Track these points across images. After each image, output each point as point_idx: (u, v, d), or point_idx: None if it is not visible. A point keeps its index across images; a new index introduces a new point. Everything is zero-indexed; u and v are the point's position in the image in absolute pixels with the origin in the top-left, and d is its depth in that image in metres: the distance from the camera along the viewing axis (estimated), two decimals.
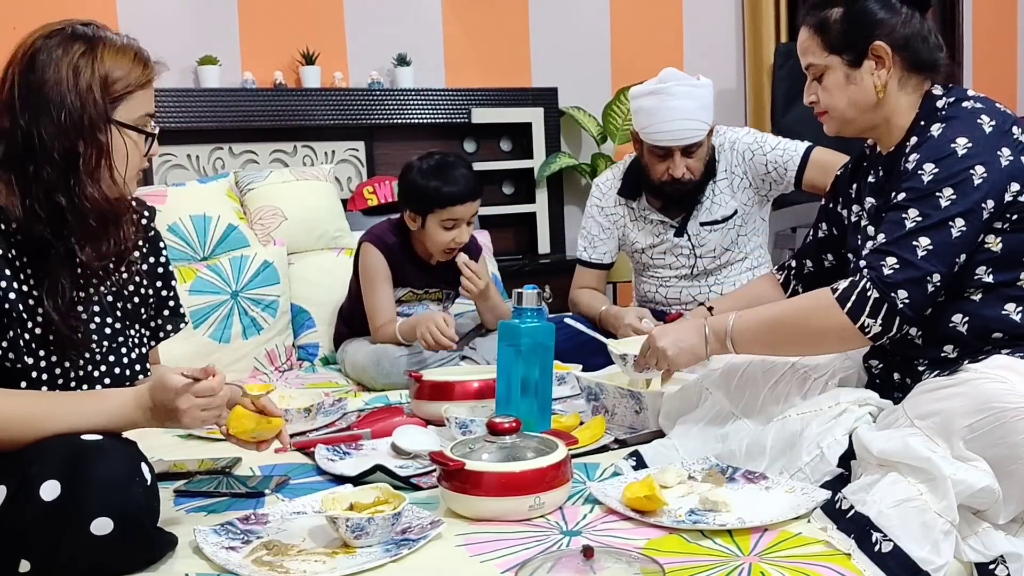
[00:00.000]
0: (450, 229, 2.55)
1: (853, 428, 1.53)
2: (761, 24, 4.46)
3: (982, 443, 1.34)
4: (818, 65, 1.71)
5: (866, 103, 1.68)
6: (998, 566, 1.32)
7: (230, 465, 1.79)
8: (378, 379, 2.47)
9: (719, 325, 1.69)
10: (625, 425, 1.97)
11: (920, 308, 1.52)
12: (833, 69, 1.69)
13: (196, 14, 3.52)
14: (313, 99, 3.60)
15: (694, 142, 2.56)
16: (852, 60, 1.67)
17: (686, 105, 2.53)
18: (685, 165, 2.58)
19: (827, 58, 1.69)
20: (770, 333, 1.65)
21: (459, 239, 2.57)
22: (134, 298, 1.58)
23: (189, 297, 2.67)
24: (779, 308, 1.69)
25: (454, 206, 2.52)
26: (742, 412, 1.75)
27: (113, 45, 1.45)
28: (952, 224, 1.50)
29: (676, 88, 2.54)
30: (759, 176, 2.66)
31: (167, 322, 1.67)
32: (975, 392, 1.37)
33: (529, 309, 1.85)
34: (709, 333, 1.70)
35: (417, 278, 2.68)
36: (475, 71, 4.04)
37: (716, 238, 2.70)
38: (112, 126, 1.43)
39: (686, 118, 2.53)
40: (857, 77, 1.67)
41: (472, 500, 1.47)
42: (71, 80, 1.39)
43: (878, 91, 1.66)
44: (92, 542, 1.22)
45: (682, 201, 2.66)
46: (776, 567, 1.27)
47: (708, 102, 2.58)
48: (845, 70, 1.68)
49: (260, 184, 3.11)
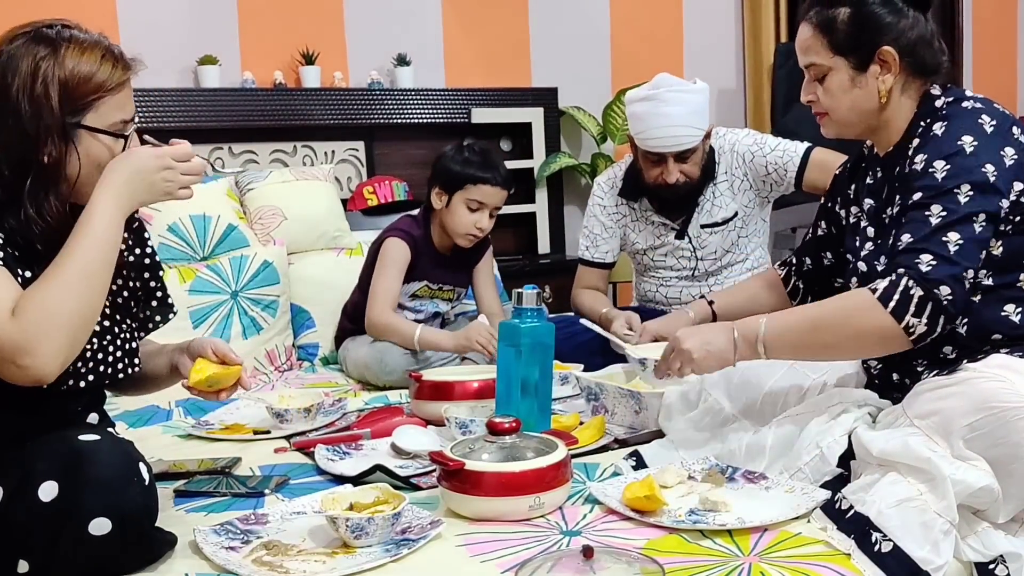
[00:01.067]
0: (475, 211, 2.60)
1: (852, 428, 1.53)
2: (761, 24, 4.47)
3: (982, 442, 1.34)
4: (821, 66, 1.67)
5: (869, 108, 1.65)
6: (998, 566, 1.32)
7: (230, 465, 1.79)
8: (380, 376, 2.47)
9: (749, 330, 1.61)
10: (625, 425, 1.97)
11: (962, 304, 1.48)
12: (837, 71, 1.65)
13: (196, 14, 3.52)
14: (313, 99, 3.60)
15: (686, 148, 2.55)
16: (858, 64, 1.64)
17: (678, 112, 2.52)
18: (679, 170, 2.57)
19: (832, 59, 1.65)
20: (806, 336, 1.58)
21: (481, 224, 2.61)
22: (123, 292, 1.57)
23: (189, 297, 2.68)
24: (814, 310, 1.61)
25: (485, 186, 2.59)
26: (741, 413, 1.75)
27: (79, 46, 1.37)
28: (975, 220, 1.48)
29: (668, 95, 2.53)
30: (759, 178, 2.66)
31: (155, 313, 1.66)
32: (975, 391, 1.37)
33: (529, 309, 1.85)
34: (738, 337, 1.62)
35: (434, 272, 2.70)
36: (475, 71, 4.04)
37: (717, 240, 2.70)
38: (73, 134, 1.37)
39: (678, 125, 2.52)
40: (862, 81, 1.64)
41: (472, 500, 1.47)
42: (28, 86, 1.33)
43: (882, 96, 1.64)
44: (90, 542, 1.22)
45: (678, 204, 2.66)
46: (776, 567, 1.27)
47: (702, 107, 2.57)
48: (850, 73, 1.64)
49: (260, 184, 3.11)
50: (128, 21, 3.36)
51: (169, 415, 2.24)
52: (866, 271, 1.67)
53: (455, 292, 2.77)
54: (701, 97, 2.58)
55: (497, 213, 2.67)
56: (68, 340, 1.32)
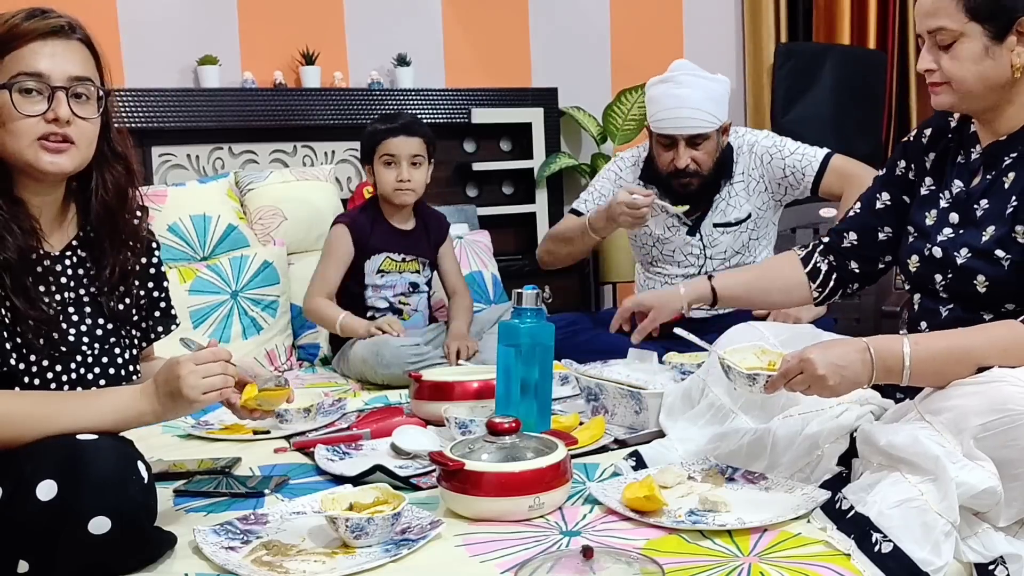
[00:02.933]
0: (390, 165, 2.67)
1: (854, 427, 1.52)
2: (761, 24, 4.46)
3: (993, 443, 1.33)
4: (951, 30, 1.53)
5: (997, 81, 1.54)
6: (997, 567, 1.32)
7: (230, 465, 1.79)
8: (378, 370, 2.47)
9: (891, 354, 1.44)
10: (625, 425, 1.97)
11: None
12: (970, 38, 1.52)
13: (196, 14, 3.52)
14: (313, 99, 3.60)
15: (698, 132, 2.54)
16: (995, 32, 1.51)
17: (693, 95, 2.52)
18: (691, 156, 2.56)
19: (966, 24, 1.51)
20: (952, 368, 1.43)
21: (402, 176, 2.67)
22: (124, 299, 1.57)
23: (189, 297, 2.68)
24: (963, 341, 1.46)
25: (389, 138, 2.67)
26: (742, 409, 1.74)
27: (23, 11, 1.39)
28: None
29: (683, 77, 2.54)
30: (775, 180, 2.65)
31: (158, 323, 1.66)
32: (992, 392, 1.35)
33: (529, 309, 1.85)
34: (876, 361, 1.45)
35: (392, 242, 2.73)
36: (475, 71, 4.04)
37: (728, 240, 2.69)
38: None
39: (691, 107, 2.52)
40: (996, 52, 1.52)
41: (472, 500, 1.47)
42: None
43: (1016, 71, 1.52)
44: (90, 541, 1.22)
45: (689, 198, 2.62)
46: (776, 567, 1.27)
47: (720, 97, 2.57)
48: (985, 41, 1.52)
49: (260, 184, 3.11)
50: (128, 21, 3.36)
51: None
52: (941, 258, 1.61)
53: (419, 262, 2.78)
54: (719, 87, 2.58)
55: (421, 162, 2.71)
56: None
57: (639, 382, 1.96)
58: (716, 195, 2.65)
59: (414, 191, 2.69)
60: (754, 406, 1.72)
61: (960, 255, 1.59)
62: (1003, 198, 1.57)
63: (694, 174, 2.59)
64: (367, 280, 2.69)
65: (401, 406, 2.19)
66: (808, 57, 4.29)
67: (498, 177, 4.09)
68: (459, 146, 4.00)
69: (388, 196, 2.70)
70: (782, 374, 1.48)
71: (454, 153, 3.97)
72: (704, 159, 2.58)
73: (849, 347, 1.47)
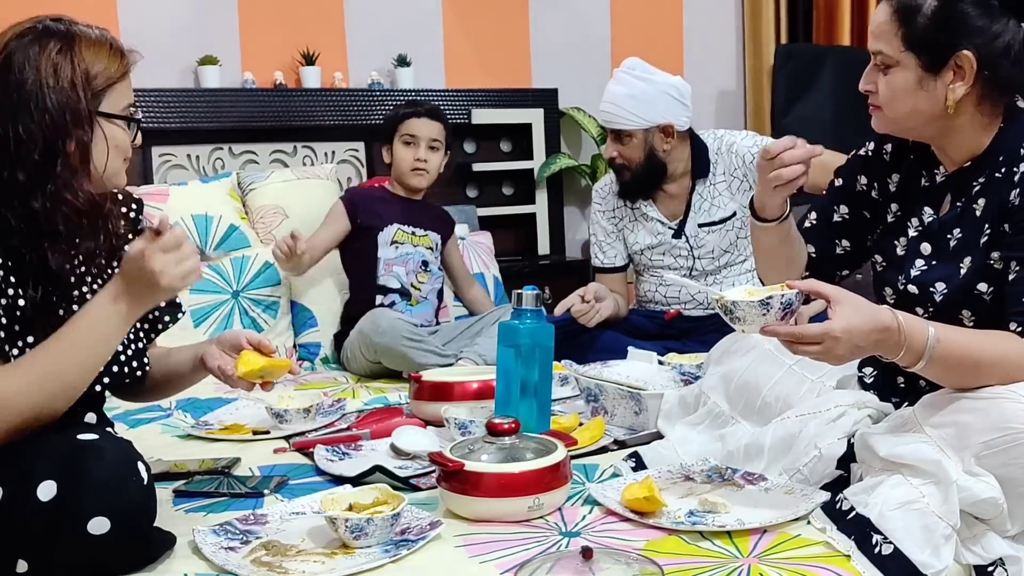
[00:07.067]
0: (409, 144, 2.83)
1: (852, 431, 1.52)
2: (761, 26, 4.46)
3: (995, 461, 1.31)
4: (888, 56, 1.48)
5: (930, 114, 1.48)
6: (997, 569, 1.32)
7: (229, 465, 1.79)
8: (374, 338, 2.51)
9: (917, 338, 1.36)
10: (624, 426, 1.97)
11: None
12: (904, 68, 1.47)
13: (196, 14, 3.52)
14: (313, 99, 3.60)
15: (618, 128, 2.66)
16: (929, 64, 1.45)
17: (620, 92, 2.66)
18: (616, 150, 2.70)
19: (901, 53, 1.46)
20: (967, 370, 1.38)
21: (419, 155, 2.81)
22: None
23: (190, 296, 2.68)
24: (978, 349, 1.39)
25: (412, 119, 2.85)
26: (740, 415, 1.74)
27: (88, 39, 1.44)
28: None
29: (619, 74, 2.70)
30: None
31: (164, 313, 1.68)
32: (996, 410, 1.33)
33: (529, 310, 1.85)
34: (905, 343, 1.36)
35: (400, 213, 2.85)
36: (475, 71, 4.04)
37: (714, 239, 2.71)
38: (96, 120, 1.42)
39: (614, 104, 2.66)
40: (930, 84, 1.46)
41: (471, 501, 1.47)
42: (51, 78, 1.38)
43: (949, 107, 1.46)
44: (89, 542, 1.22)
45: (630, 192, 2.73)
46: (775, 568, 1.27)
47: (651, 97, 2.63)
48: (918, 73, 1.46)
49: (262, 184, 3.11)
50: (128, 21, 3.36)
51: (168, 415, 2.24)
52: (918, 294, 1.54)
53: (429, 238, 2.86)
54: (654, 89, 2.64)
55: (439, 147, 2.86)
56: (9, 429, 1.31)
57: (638, 383, 1.96)
58: (693, 195, 2.71)
59: (428, 173, 2.84)
60: (751, 412, 1.72)
61: (936, 291, 1.52)
62: (976, 227, 1.49)
63: (622, 168, 2.71)
64: (380, 253, 2.75)
65: (401, 406, 2.19)
66: (808, 59, 4.29)
67: (498, 178, 4.09)
68: (459, 147, 4.00)
69: (403, 175, 2.83)
70: (798, 334, 1.34)
71: (454, 154, 3.96)
72: (629, 154, 2.68)
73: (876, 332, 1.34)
